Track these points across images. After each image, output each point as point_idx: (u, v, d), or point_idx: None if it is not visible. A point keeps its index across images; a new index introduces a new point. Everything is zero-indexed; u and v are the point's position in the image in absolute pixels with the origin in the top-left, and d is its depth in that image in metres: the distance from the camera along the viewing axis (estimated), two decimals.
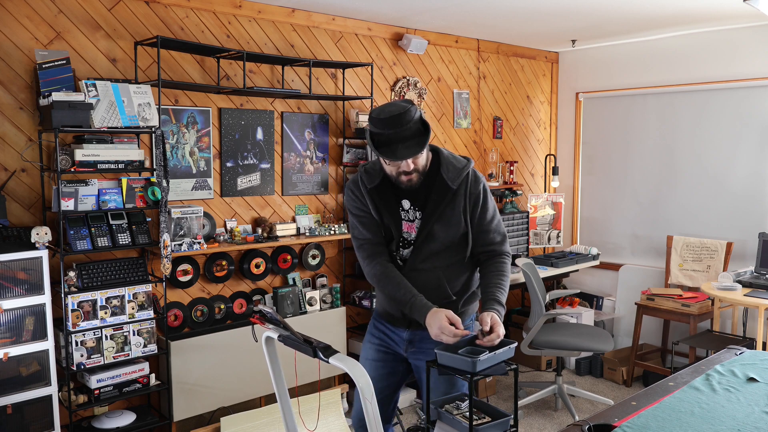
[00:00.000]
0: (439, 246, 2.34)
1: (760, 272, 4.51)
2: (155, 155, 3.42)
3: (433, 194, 2.32)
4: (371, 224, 2.37)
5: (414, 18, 4.51)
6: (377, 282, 2.35)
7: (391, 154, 2.18)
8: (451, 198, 2.32)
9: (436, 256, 2.35)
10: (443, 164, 2.33)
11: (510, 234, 5.39)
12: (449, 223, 2.32)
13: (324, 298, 4.27)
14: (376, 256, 2.35)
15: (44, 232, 3.01)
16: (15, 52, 3.16)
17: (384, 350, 2.51)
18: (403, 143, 2.16)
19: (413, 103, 2.21)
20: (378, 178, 2.34)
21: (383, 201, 2.35)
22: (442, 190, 2.31)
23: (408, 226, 2.37)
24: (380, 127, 2.15)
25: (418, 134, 2.18)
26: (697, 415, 2.06)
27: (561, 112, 6.15)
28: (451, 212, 2.32)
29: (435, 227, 2.31)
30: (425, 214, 2.32)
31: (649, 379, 4.78)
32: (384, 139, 2.17)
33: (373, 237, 2.38)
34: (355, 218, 2.41)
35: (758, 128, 4.78)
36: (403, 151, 2.17)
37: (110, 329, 3.23)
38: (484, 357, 2.05)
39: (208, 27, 3.81)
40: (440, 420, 2.21)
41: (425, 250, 2.34)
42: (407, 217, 2.36)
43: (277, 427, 3.63)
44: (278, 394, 2.30)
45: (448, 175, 2.31)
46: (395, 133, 2.14)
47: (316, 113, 4.37)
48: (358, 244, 2.41)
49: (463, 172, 2.33)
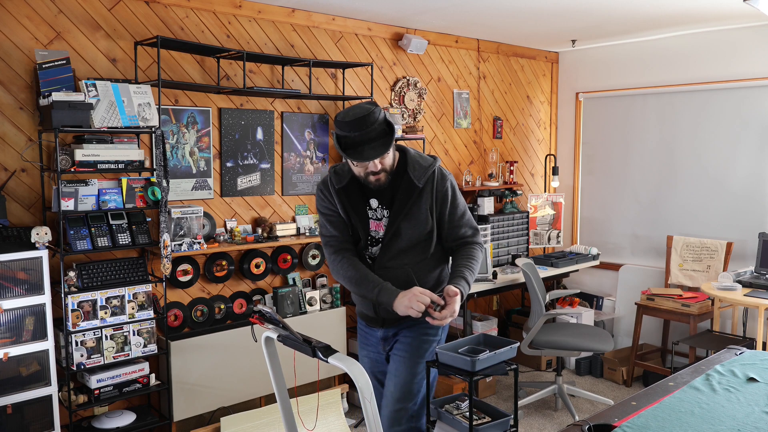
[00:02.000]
0: (406, 243, 2.39)
1: (760, 272, 4.51)
2: (155, 155, 3.42)
3: (400, 193, 2.38)
4: (338, 223, 2.45)
5: (414, 18, 4.51)
6: (344, 274, 2.39)
7: (357, 156, 2.24)
8: (417, 196, 2.37)
9: (404, 253, 2.40)
10: (410, 163, 2.39)
11: (510, 234, 5.39)
12: (416, 221, 2.38)
13: (324, 298, 4.27)
14: (341, 252, 2.43)
15: (44, 232, 3.01)
16: (15, 52, 3.16)
17: (374, 351, 2.60)
18: (368, 144, 2.23)
19: (377, 104, 2.28)
20: (346, 179, 2.41)
21: (351, 201, 2.41)
22: (409, 188, 2.37)
23: (376, 224, 2.42)
24: (346, 129, 2.22)
25: (383, 135, 2.25)
26: (697, 415, 2.06)
27: (561, 112, 6.15)
28: (417, 210, 2.37)
29: (402, 225, 2.37)
30: (392, 213, 2.38)
31: (649, 379, 4.78)
32: (350, 141, 2.23)
33: (339, 234, 2.45)
34: (324, 217, 2.48)
35: (758, 128, 4.78)
36: (369, 152, 2.23)
37: (110, 329, 3.23)
38: (484, 356, 2.05)
39: (208, 27, 3.81)
40: (440, 420, 2.21)
41: (393, 248, 2.39)
42: (375, 216, 2.42)
43: (277, 427, 3.63)
44: (278, 394, 2.30)
45: (414, 173, 2.37)
46: (361, 134, 2.21)
47: (316, 113, 4.37)
48: (325, 241, 2.48)
49: (429, 170, 2.39)
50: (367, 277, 2.34)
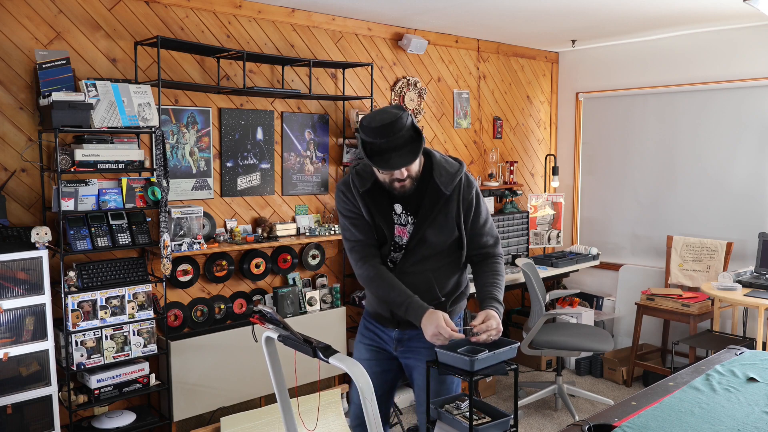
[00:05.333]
0: (430, 251, 2.33)
1: (760, 272, 4.51)
2: (155, 155, 3.42)
3: (426, 199, 2.29)
4: (363, 226, 2.35)
5: (414, 18, 4.51)
6: (370, 284, 2.34)
7: (384, 164, 2.14)
8: (444, 203, 2.29)
9: (427, 260, 2.34)
10: (436, 169, 2.29)
11: (510, 234, 5.40)
12: (442, 229, 2.31)
13: (324, 298, 4.27)
14: (368, 258, 2.33)
15: (44, 232, 3.01)
16: (15, 52, 3.16)
17: (376, 349, 2.52)
18: (396, 152, 2.12)
19: (404, 108, 2.18)
20: (370, 182, 2.31)
21: (376, 205, 2.32)
22: (435, 195, 2.29)
23: (400, 230, 2.34)
24: (372, 136, 2.11)
25: (410, 141, 2.14)
26: (697, 415, 2.06)
27: (561, 112, 6.15)
28: (443, 218, 2.30)
29: (427, 232, 2.30)
30: (418, 220, 2.30)
31: (649, 379, 4.78)
32: (376, 148, 2.13)
33: (365, 238, 2.35)
34: (347, 220, 2.38)
35: (758, 128, 4.78)
36: (397, 161, 2.13)
37: (110, 329, 3.23)
38: (483, 356, 2.05)
39: (208, 27, 3.81)
40: (440, 420, 2.21)
41: (417, 255, 2.33)
42: (399, 222, 2.34)
43: (277, 427, 3.63)
44: (278, 394, 2.30)
45: (441, 180, 2.28)
46: (387, 141, 2.10)
47: (316, 113, 4.37)
48: (350, 246, 2.38)
49: (456, 177, 2.30)
50: (393, 290, 2.26)
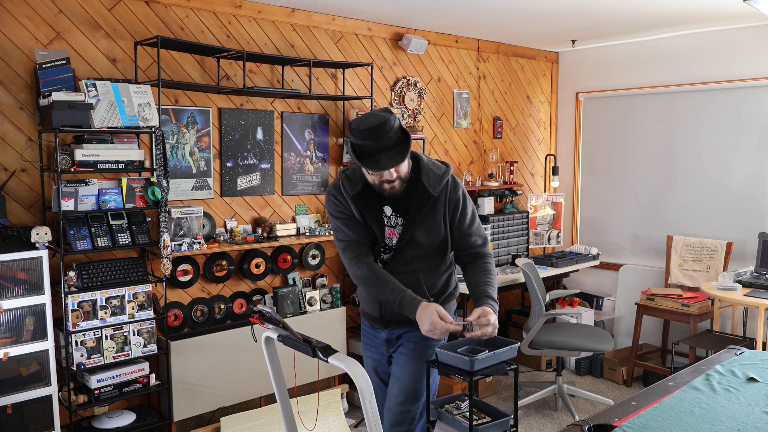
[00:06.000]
0: (419, 251, 2.38)
1: (760, 272, 4.50)
2: (155, 155, 3.42)
3: (415, 201, 2.35)
4: (355, 226, 2.40)
5: (414, 18, 4.51)
6: (364, 282, 2.37)
7: (374, 165, 2.21)
8: (432, 205, 2.35)
9: (416, 260, 2.39)
10: (423, 171, 2.36)
11: (510, 234, 5.39)
12: (430, 230, 2.37)
13: (324, 298, 4.27)
14: (362, 257, 2.38)
15: (44, 232, 3.01)
16: (15, 52, 3.16)
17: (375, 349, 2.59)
18: (385, 153, 2.19)
19: (392, 111, 2.25)
20: (360, 185, 2.37)
21: (366, 207, 2.38)
22: (424, 197, 2.35)
23: (390, 231, 2.40)
24: (361, 138, 2.18)
25: (399, 143, 2.22)
26: (697, 415, 2.06)
27: (561, 112, 6.15)
28: (432, 219, 2.36)
29: (416, 233, 2.35)
30: (406, 221, 2.36)
31: (649, 379, 4.78)
32: (366, 150, 2.20)
33: (358, 237, 2.40)
34: (339, 221, 2.43)
35: (758, 128, 4.78)
36: (386, 161, 2.20)
37: (110, 329, 3.23)
38: (483, 356, 2.05)
39: (208, 27, 3.81)
40: (440, 420, 2.21)
41: (406, 256, 2.38)
42: (389, 223, 2.40)
43: (277, 427, 3.63)
44: (278, 394, 2.30)
45: (428, 182, 2.34)
46: (377, 143, 2.17)
47: (316, 113, 4.37)
48: (343, 246, 2.43)
49: (444, 179, 2.37)
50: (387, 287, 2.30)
